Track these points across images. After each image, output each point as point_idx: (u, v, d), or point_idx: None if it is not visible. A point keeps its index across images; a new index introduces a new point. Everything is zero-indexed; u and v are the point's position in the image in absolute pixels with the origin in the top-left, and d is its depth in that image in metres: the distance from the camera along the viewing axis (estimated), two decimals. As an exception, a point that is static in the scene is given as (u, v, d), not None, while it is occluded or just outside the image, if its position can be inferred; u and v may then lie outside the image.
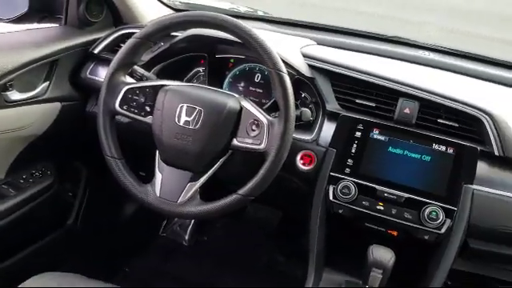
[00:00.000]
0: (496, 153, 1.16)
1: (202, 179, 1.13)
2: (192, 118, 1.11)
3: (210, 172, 1.14)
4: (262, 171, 1.08)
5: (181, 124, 1.12)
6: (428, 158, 1.18)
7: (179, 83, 1.19)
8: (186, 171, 1.13)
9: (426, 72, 1.44)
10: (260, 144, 1.10)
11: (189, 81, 1.48)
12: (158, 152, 1.17)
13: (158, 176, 1.15)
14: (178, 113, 1.12)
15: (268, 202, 1.82)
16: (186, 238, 2.07)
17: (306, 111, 1.28)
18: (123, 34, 1.50)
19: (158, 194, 1.14)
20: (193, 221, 2.08)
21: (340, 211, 1.20)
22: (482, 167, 1.17)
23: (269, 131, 1.10)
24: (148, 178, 1.18)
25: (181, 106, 1.12)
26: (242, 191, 1.09)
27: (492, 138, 1.16)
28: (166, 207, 1.13)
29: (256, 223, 2.06)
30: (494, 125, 1.17)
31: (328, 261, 1.29)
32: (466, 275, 1.77)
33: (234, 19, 1.11)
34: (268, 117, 1.11)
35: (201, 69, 1.47)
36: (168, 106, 1.13)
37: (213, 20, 1.12)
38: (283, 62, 1.12)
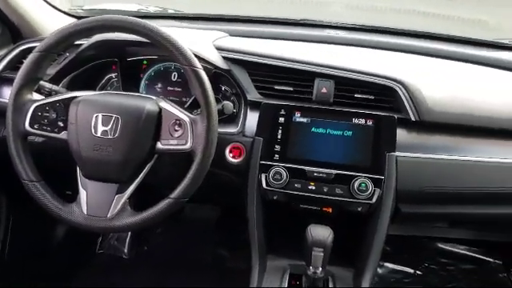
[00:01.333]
0: (412, 118, 1.21)
1: (130, 189, 1.09)
2: (109, 127, 1.07)
3: (138, 180, 1.10)
4: (191, 171, 1.06)
5: (98, 135, 1.07)
6: (350, 133, 1.21)
7: (91, 93, 1.14)
8: (111, 183, 1.09)
9: (337, 50, 1.48)
10: (185, 144, 1.08)
11: (102, 89, 1.42)
12: (78, 168, 1.11)
13: (83, 193, 1.10)
14: (93, 124, 1.07)
15: (204, 201, 1.81)
16: (126, 250, 2.01)
17: (228, 104, 1.27)
18: (24, 50, 1.41)
19: (85, 212, 1.08)
20: (129, 232, 2.01)
21: (275, 197, 1.21)
22: (401, 134, 1.22)
23: (192, 129, 1.08)
24: (75, 196, 1.12)
25: (96, 116, 1.07)
26: (173, 195, 1.07)
27: (407, 104, 1.22)
28: (96, 224, 1.08)
29: (196, 223, 2.04)
30: (408, 92, 1.22)
31: (270, 248, 1.30)
32: (402, 239, 1.87)
33: (139, 19, 1.07)
34: (190, 115, 1.09)
35: (113, 75, 1.42)
36: (82, 118, 1.08)
37: (116, 23, 1.08)
38: (197, 57, 1.10)
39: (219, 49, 1.33)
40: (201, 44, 1.31)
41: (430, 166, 1.21)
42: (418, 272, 1.98)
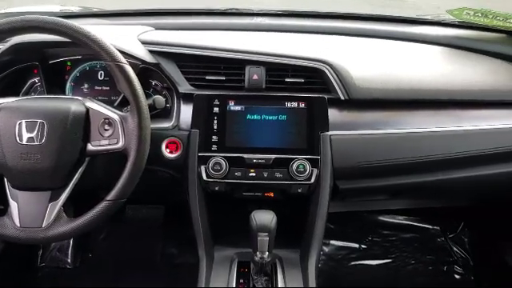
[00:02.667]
0: (342, 98, 1.25)
1: (64, 196, 1.05)
2: (35, 133, 1.02)
3: (71, 186, 1.06)
4: (126, 171, 1.04)
5: (24, 142, 1.01)
6: (284, 117, 1.23)
7: (12, 99, 1.08)
8: (43, 192, 1.04)
9: (265, 37, 1.50)
10: (117, 143, 1.05)
11: (26, 94, 1.35)
12: (6, 179, 1.05)
13: (13, 205, 1.04)
14: (17, 131, 1.01)
15: (146, 200, 1.78)
16: (69, 260, 1.93)
17: (159, 98, 1.25)
18: None
19: (18, 224, 1.03)
20: (71, 240, 1.94)
21: (216, 188, 1.21)
22: (333, 113, 1.25)
23: (123, 127, 1.05)
24: (6, 209, 1.06)
25: (19, 123, 1.02)
26: (110, 196, 1.04)
27: (335, 85, 1.25)
28: (31, 236, 1.03)
29: (140, 224, 2.00)
30: (335, 73, 1.25)
31: (217, 239, 1.30)
32: (344, 215, 1.93)
33: (56, 18, 1.03)
34: (119, 112, 1.07)
35: (36, 79, 1.35)
36: (4, 126, 1.02)
37: (26, 23, 1.02)
38: (121, 52, 1.08)
39: (145, 43, 1.30)
40: (125, 39, 1.28)
41: (363, 142, 1.25)
42: (362, 246, 2.06)
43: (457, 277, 2.02)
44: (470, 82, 1.34)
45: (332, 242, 2.05)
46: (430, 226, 2.12)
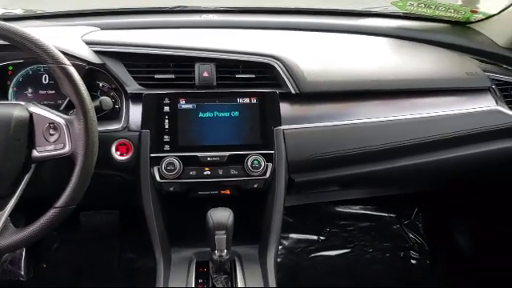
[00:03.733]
0: (293, 91, 1.25)
1: (10, 205, 1.00)
2: None
3: (18, 194, 1.01)
4: (74, 176, 1.01)
5: None
6: (237, 113, 1.22)
7: None
8: None
9: (215, 34, 1.49)
10: (64, 147, 1.02)
11: (-35, 102, 1.28)
12: None
13: (-46, 218, 0.99)
14: None
15: (99, 206, 1.73)
16: (22, 272, 1.86)
17: (106, 99, 1.21)
18: None
19: None
20: (23, 251, 1.87)
21: (171, 188, 1.19)
22: (285, 108, 1.26)
23: (69, 131, 1.01)
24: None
25: None
26: (59, 203, 1.00)
27: (286, 79, 1.25)
28: None
29: (95, 231, 1.94)
30: (285, 67, 1.26)
31: (174, 241, 1.28)
32: (302, 209, 1.95)
33: None
34: (64, 116, 1.03)
35: (-25, 86, 1.28)
36: None
37: None
38: (64, 54, 1.04)
39: (89, 43, 1.26)
40: (68, 40, 1.23)
41: (316, 135, 1.26)
42: (321, 237, 2.09)
43: (413, 262, 2.09)
44: (417, 71, 1.38)
45: (291, 235, 2.07)
46: (386, 214, 2.17)
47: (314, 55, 1.38)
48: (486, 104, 1.39)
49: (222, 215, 1.10)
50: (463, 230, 2.02)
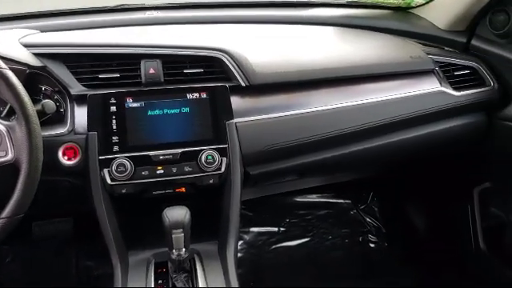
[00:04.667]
0: (242, 84, 1.25)
1: None
2: None
3: None
4: (19, 184, 0.96)
5: None
6: (187, 109, 1.20)
7: None
8: None
9: (160, 30, 1.47)
10: (6, 155, 0.97)
11: None
12: None
13: None
14: None
15: (51, 213, 1.67)
16: (-29, 289, 1.77)
17: (48, 102, 1.15)
18: None
19: None
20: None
21: (123, 191, 1.15)
22: (236, 101, 1.25)
23: (11, 138, 0.97)
24: None
25: None
26: (4, 213, 0.96)
27: (234, 72, 1.24)
28: None
29: (49, 241, 1.87)
30: (233, 60, 1.25)
31: (131, 243, 1.25)
32: (261, 201, 1.95)
33: None
34: (4, 122, 0.98)
35: None
36: None
37: None
38: (1, 58, 1.00)
39: (28, 46, 1.20)
40: (5, 44, 1.18)
41: (268, 126, 1.26)
42: (281, 229, 2.11)
43: (372, 245, 2.14)
44: (363, 58, 1.40)
45: (252, 229, 2.07)
46: (342, 201, 2.21)
47: (262, 47, 1.38)
48: (431, 86, 1.43)
49: (177, 213, 1.08)
50: (417, 211, 2.08)
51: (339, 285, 1.89)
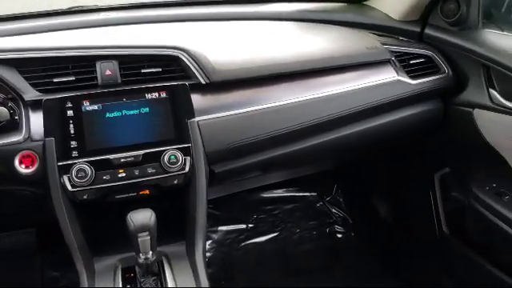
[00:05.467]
0: (202, 82, 1.23)
1: None
2: None
3: None
4: None
5: None
6: (146, 110, 1.18)
7: None
8: None
9: (115, 31, 1.44)
10: None
11: None
12: None
13: None
14: None
15: (12, 225, 1.61)
16: None
17: (1, 110, 1.11)
18: None
19: None
20: None
21: (85, 197, 1.12)
22: (197, 99, 1.23)
23: None
24: None
25: None
26: None
27: (194, 70, 1.23)
28: None
29: (11, 253, 1.80)
30: (192, 58, 1.24)
31: (96, 250, 1.21)
32: (227, 200, 1.95)
33: None
34: None
35: None
36: None
37: None
38: None
39: None
40: (-51, 51, 1.13)
41: (231, 123, 1.25)
42: (249, 225, 2.11)
43: (339, 236, 2.17)
44: (320, 51, 1.42)
45: (220, 228, 2.06)
46: (308, 193, 2.24)
47: (220, 44, 1.37)
48: (388, 75, 1.46)
49: (142, 216, 1.06)
50: (381, 200, 2.12)
51: (310, 277, 1.90)
